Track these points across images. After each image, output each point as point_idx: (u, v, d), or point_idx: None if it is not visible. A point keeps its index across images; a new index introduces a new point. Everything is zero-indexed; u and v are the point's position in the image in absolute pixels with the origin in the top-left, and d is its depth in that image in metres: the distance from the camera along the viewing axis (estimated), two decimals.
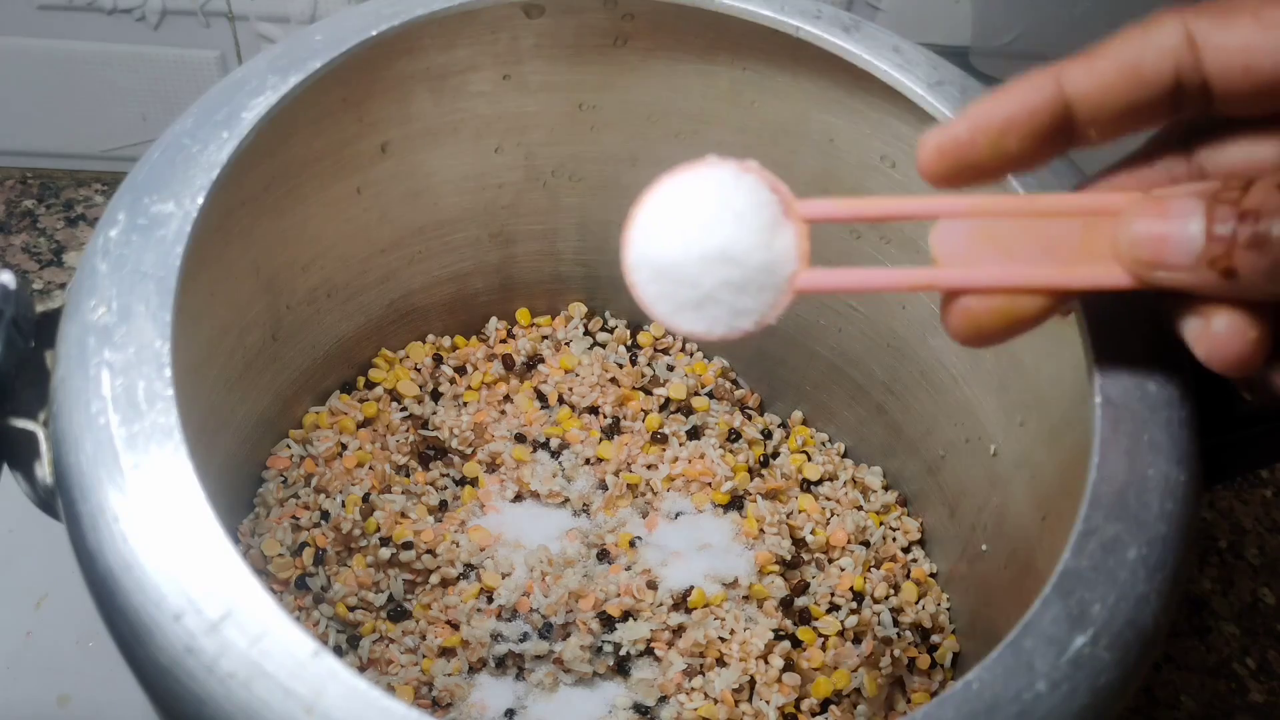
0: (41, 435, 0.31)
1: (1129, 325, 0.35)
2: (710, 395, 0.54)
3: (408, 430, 0.51)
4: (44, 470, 0.31)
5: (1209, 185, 0.27)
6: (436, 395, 0.52)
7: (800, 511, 0.51)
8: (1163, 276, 0.28)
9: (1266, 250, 0.26)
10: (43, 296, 0.60)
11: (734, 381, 0.56)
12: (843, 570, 0.49)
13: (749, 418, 0.55)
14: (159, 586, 0.27)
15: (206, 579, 0.27)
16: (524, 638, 0.45)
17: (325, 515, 0.47)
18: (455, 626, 0.46)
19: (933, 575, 0.51)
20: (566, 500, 0.50)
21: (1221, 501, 0.60)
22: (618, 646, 0.46)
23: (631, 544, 0.48)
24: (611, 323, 0.56)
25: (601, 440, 0.51)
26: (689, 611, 0.47)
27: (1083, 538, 0.30)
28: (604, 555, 0.48)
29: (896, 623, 0.48)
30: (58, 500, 0.30)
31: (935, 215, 0.30)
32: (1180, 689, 0.54)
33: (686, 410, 0.53)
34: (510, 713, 0.45)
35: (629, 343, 0.56)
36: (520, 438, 0.51)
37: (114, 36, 0.61)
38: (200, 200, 0.34)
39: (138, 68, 0.62)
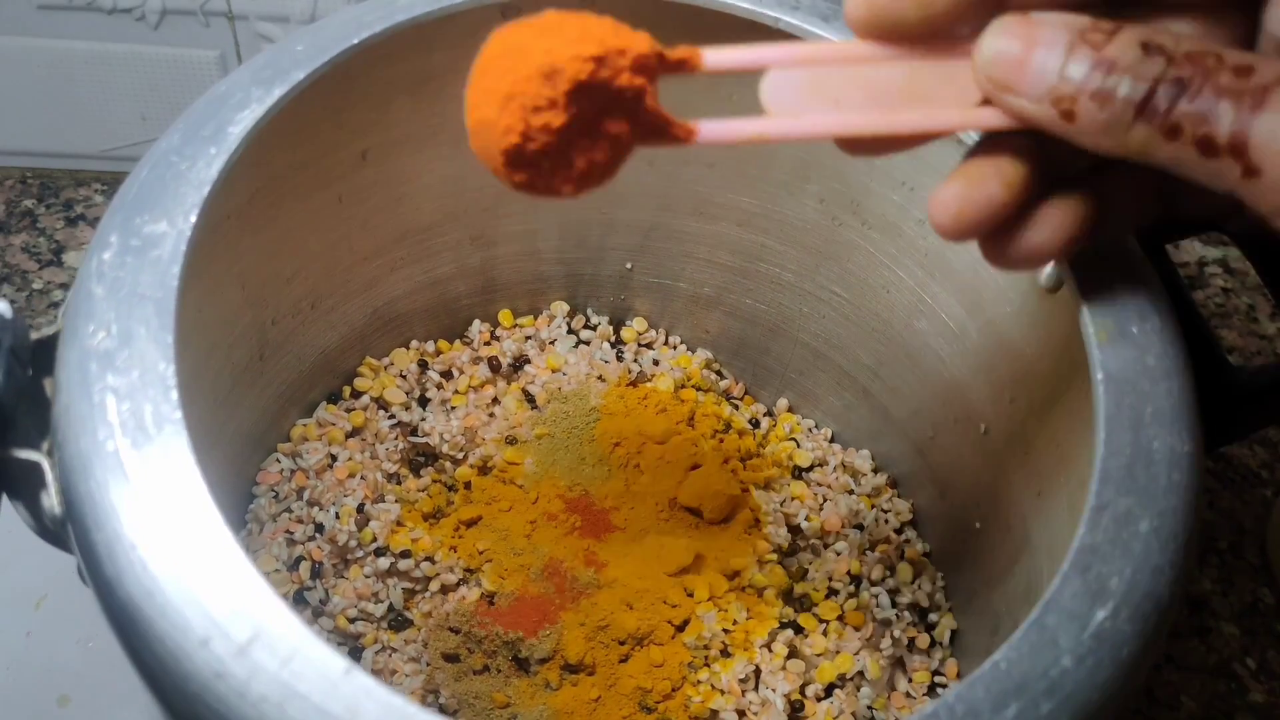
0: (46, 465, 0.30)
1: (1124, 299, 0.35)
2: (697, 388, 0.54)
3: (397, 438, 0.50)
4: (51, 500, 0.30)
5: (1082, 20, 0.27)
6: (424, 401, 0.52)
7: (794, 498, 0.51)
8: (1011, 101, 0.28)
9: (1107, 105, 0.26)
10: (42, 296, 0.59)
11: (718, 372, 0.56)
12: (838, 555, 0.50)
13: (736, 407, 0.55)
14: (183, 612, 0.27)
15: (231, 602, 0.27)
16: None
17: (319, 528, 0.47)
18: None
19: (927, 554, 0.51)
20: None
21: (1222, 501, 0.61)
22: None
23: None
24: (594, 320, 0.56)
25: None
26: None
27: (1095, 513, 0.31)
28: None
29: (894, 604, 0.49)
30: (67, 529, 0.30)
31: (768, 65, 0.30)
32: (1180, 689, 0.54)
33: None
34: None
35: (613, 339, 0.56)
36: (511, 440, 0.51)
37: (114, 36, 0.60)
38: (193, 218, 0.33)
39: (137, 67, 0.61)
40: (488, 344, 0.55)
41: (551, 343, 0.55)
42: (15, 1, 0.58)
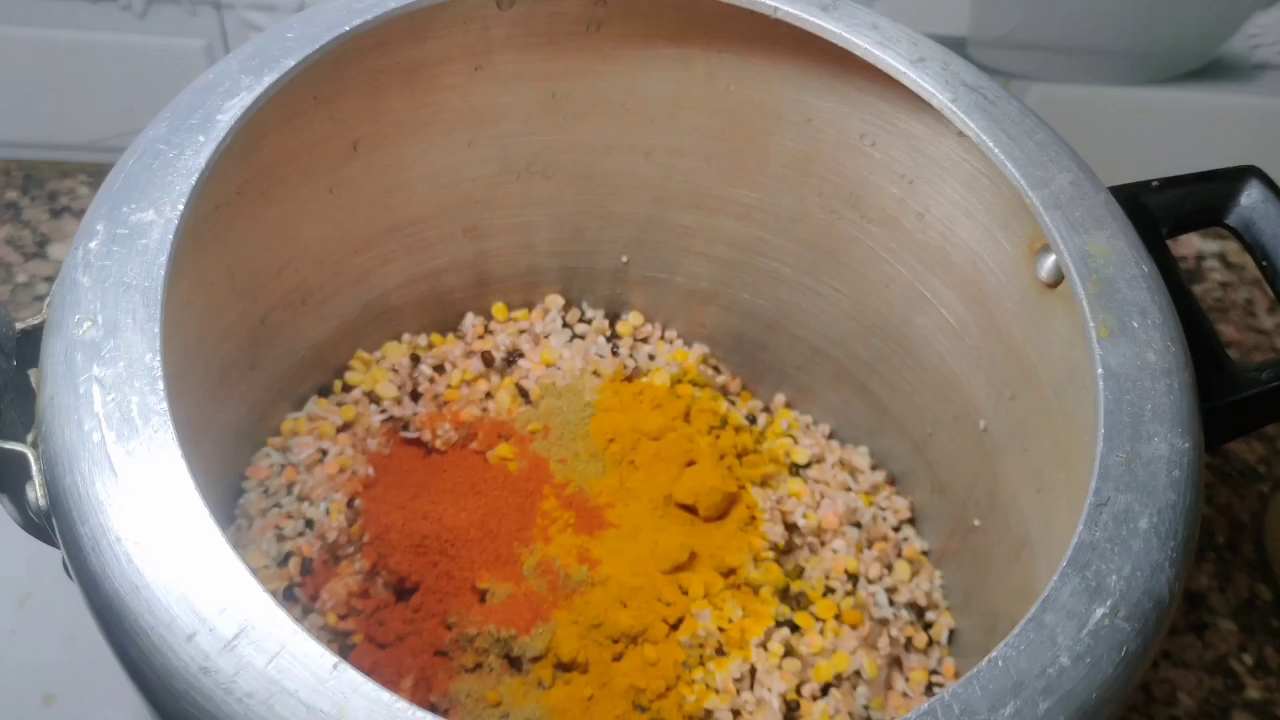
0: (31, 456, 0.30)
1: (1125, 295, 0.35)
2: (693, 383, 0.54)
3: (388, 433, 0.50)
4: (36, 492, 0.30)
5: None
6: (416, 396, 0.52)
7: (791, 495, 0.51)
8: None
9: None
10: (27, 289, 0.59)
11: (715, 368, 0.56)
12: (836, 552, 0.49)
13: (733, 403, 0.54)
14: (169, 607, 0.27)
15: (217, 596, 0.27)
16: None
17: (309, 523, 0.47)
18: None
19: (925, 553, 0.51)
20: None
21: (1219, 497, 0.60)
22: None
23: None
24: (589, 314, 0.56)
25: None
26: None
27: (1094, 510, 0.30)
28: None
29: (892, 602, 0.48)
30: (52, 522, 0.29)
31: None
32: (1178, 686, 0.54)
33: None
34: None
35: (608, 333, 0.55)
36: (505, 435, 0.50)
37: (99, 25, 0.60)
38: (181, 207, 0.33)
39: (123, 57, 0.61)
40: (481, 338, 0.54)
41: (546, 337, 0.54)
42: None
